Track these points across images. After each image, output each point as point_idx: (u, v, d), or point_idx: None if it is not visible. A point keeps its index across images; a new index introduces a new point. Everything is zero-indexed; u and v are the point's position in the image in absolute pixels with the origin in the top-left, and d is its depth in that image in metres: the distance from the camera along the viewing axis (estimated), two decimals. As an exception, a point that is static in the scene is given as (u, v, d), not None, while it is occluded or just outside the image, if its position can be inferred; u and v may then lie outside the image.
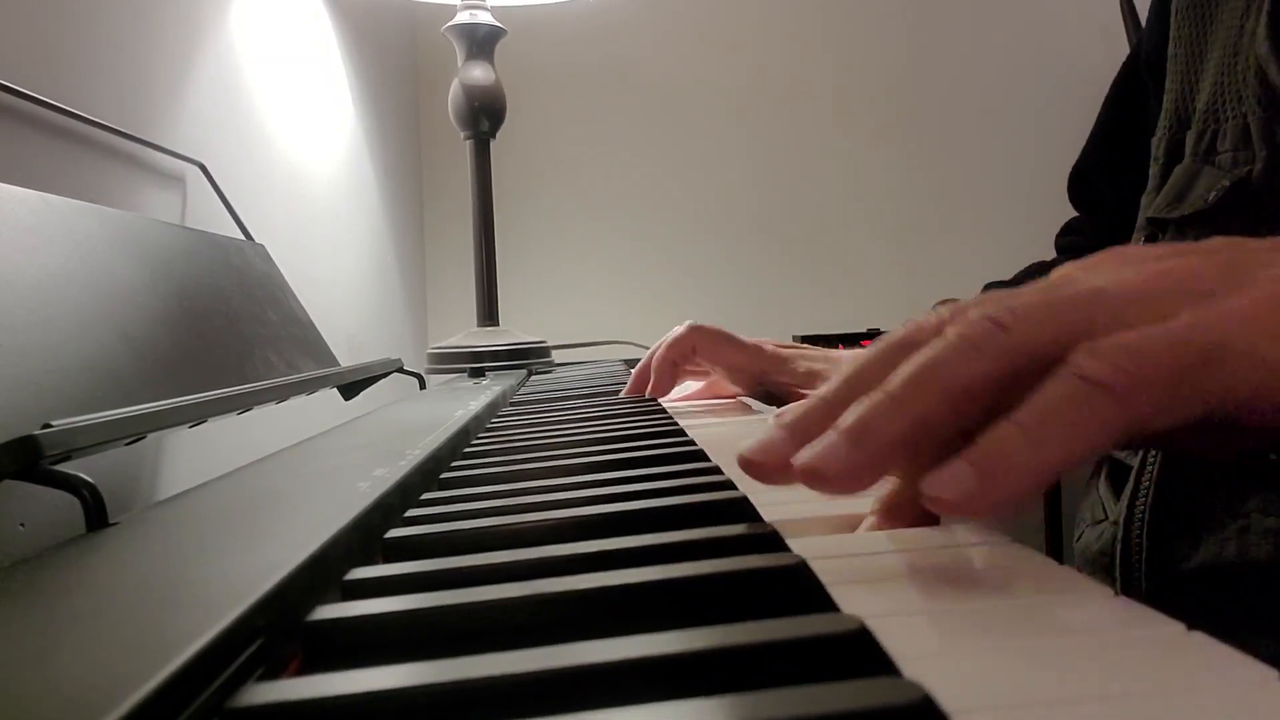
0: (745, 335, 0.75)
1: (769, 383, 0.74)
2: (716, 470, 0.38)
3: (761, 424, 0.63)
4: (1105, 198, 0.77)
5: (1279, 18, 0.52)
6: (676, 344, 0.72)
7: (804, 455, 0.27)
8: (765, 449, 0.29)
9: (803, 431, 0.28)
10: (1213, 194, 0.55)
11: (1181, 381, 0.25)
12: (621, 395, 0.75)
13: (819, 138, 1.74)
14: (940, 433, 0.26)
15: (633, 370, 0.78)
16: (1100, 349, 0.25)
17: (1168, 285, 0.27)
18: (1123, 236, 0.66)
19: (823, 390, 0.30)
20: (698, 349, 0.73)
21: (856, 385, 0.29)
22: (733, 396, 0.79)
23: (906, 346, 0.29)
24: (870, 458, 0.27)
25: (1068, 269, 0.31)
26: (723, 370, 0.75)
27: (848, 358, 0.69)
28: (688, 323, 0.74)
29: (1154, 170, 0.63)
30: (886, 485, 0.31)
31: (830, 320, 1.61)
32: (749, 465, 0.29)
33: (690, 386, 0.82)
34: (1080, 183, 0.81)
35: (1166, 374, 0.25)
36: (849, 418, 0.27)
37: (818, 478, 0.27)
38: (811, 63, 1.74)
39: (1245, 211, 0.53)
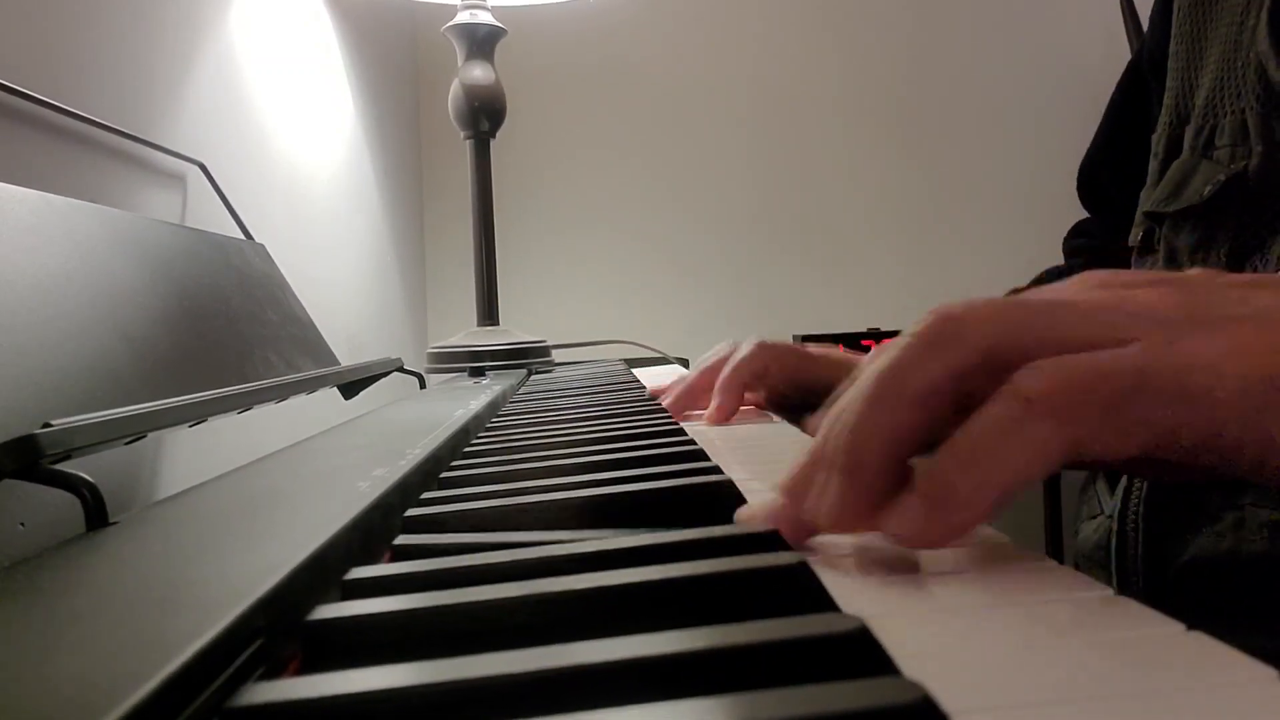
0: (750, 336, 0.67)
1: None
2: (717, 470, 0.38)
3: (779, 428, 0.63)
4: (1113, 195, 0.77)
5: (1278, 17, 0.53)
6: (743, 366, 0.63)
7: (807, 508, 0.27)
8: (771, 519, 0.28)
9: (795, 488, 0.28)
10: (1209, 188, 0.55)
11: (1117, 410, 0.25)
12: (667, 405, 0.66)
13: (819, 138, 1.74)
14: (922, 435, 0.26)
15: (639, 378, 0.70)
16: (1042, 366, 0.25)
17: (1131, 310, 0.27)
18: (1128, 237, 0.66)
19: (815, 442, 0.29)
20: (771, 370, 0.63)
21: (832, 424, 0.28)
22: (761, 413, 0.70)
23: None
24: (867, 488, 0.26)
25: (1044, 287, 0.31)
26: (798, 390, 0.65)
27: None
28: (753, 339, 0.64)
29: (1153, 166, 0.63)
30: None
31: (830, 320, 1.61)
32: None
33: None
34: (1088, 180, 0.81)
35: (1102, 400, 0.25)
36: (829, 451, 0.27)
37: (824, 529, 0.27)
38: (812, 63, 1.74)
39: (1241, 206, 0.54)
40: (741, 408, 0.69)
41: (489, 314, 1.23)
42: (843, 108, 1.74)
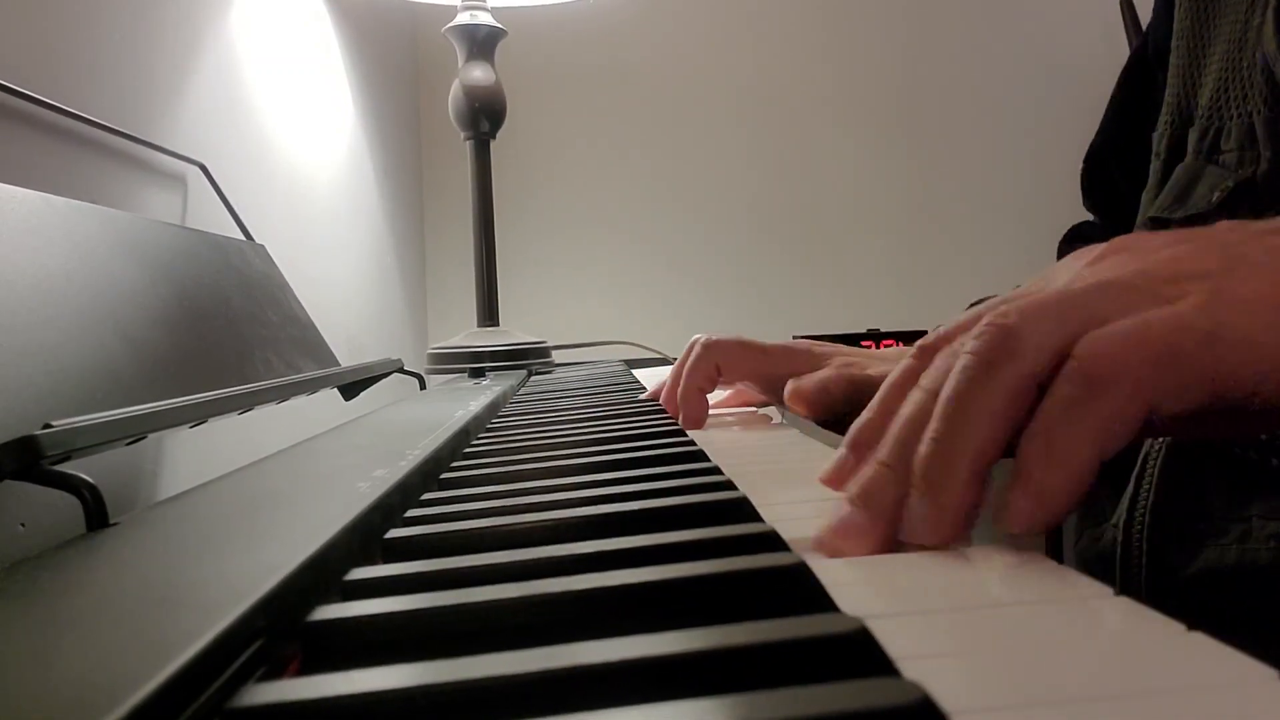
0: (750, 336, 0.67)
1: None
2: (717, 470, 0.38)
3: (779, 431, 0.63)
4: (1120, 187, 0.74)
5: None
6: (696, 369, 0.64)
7: (905, 528, 0.28)
8: (845, 531, 0.29)
9: (872, 500, 0.29)
10: (1216, 195, 0.54)
11: (1181, 365, 0.25)
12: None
13: (818, 138, 1.74)
14: (1004, 447, 0.27)
15: (639, 379, 0.72)
16: (1100, 336, 0.26)
17: (1171, 271, 0.28)
18: None
19: (880, 453, 0.30)
20: (722, 368, 0.65)
21: (906, 439, 0.29)
22: (763, 403, 0.72)
23: (932, 373, 0.30)
24: (953, 507, 0.27)
25: (1072, 262, 0.31)
26: (754, 384, 0.68)
27: (888, 356, 0.63)
28: (699, 340, 0.66)
29: (1155, 166, 0.62)
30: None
31: (830, 320, 1.61)
32: (837, 553, 0.28)
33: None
34: (1094, 173, 0.77)
35: (1159, 358, 0.25)
36: (917, 476, 0.28)
37: (923, 542, 0.28)
38: (810, 64, 1.74)
39: (1250, 213, 0.52)
40: (745, 405, 0.72)
41: (489, 315, 1.23)
42: (842, 108, 1.74)
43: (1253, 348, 0.26)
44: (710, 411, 0.67)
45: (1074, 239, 0.81)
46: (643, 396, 0.72)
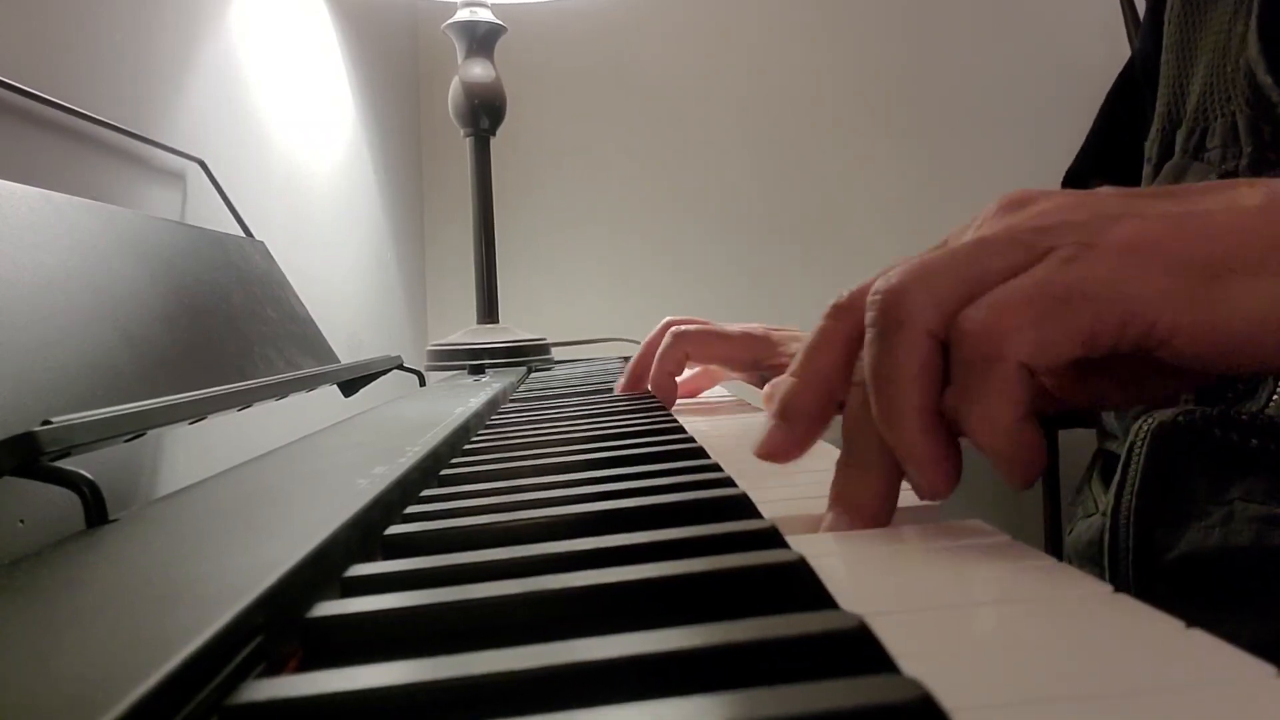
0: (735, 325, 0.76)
1: (765, 367, 0.75)
2: (716, 467, 0.38)
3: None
4: None
5: (1267, 21, 0.54)
6: (667, 356, 0.72)
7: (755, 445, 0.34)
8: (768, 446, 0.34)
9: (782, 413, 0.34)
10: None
11: (1045, 322, 0.28)
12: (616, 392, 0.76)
13: (819, 136, 1.74)
14: (939, 388, 0.30)
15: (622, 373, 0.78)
16: (971, 315, 0.28)
17: (1041, 225, 0.30)
18: None
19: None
20: (690, 354, 0.73)
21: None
22: (727, 379, 0.83)
23: (837, 311, 0.35)
24: (802, 433, 0.34)
25: (974, 218, 0.34)
26: (719, 364, 0.78)
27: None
28: (670, 330, 0.73)
29: (1146, 171, 0.65)
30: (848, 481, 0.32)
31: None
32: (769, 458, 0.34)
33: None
34: (1074, 186, 0.81)
35: (1030, 318, 0.28)
36: (776, 399, 0.34)
37: (768, 458, 0.34)
38: (811, 62, 1.74)
39: None
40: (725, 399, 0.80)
41: (489, 312, 1.23)
42: (844, 106, 1.74)
43: (1115, 299, 0.28)
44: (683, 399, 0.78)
45: None
46: (618, 384, 0.78)
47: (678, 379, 0.76)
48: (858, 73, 1.74)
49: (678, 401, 0.79)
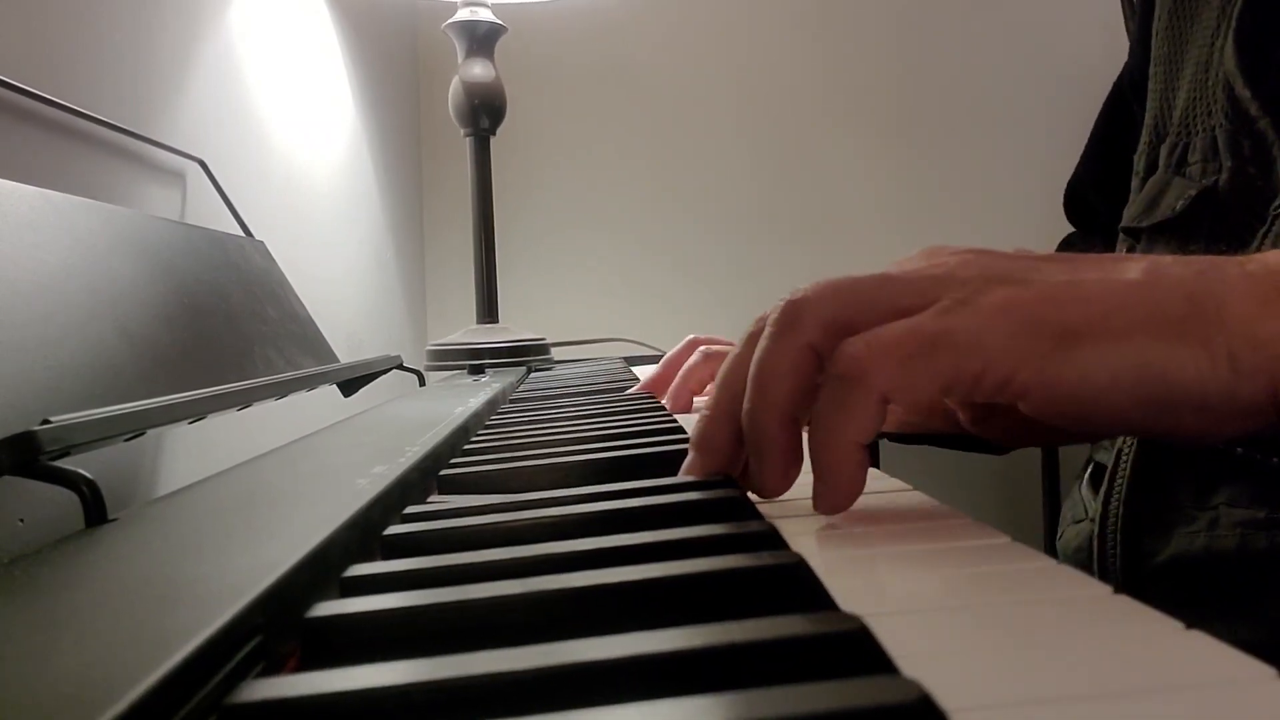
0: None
1: None
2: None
3: None
4: (1100, 213, 0.78)
5: (1244, 36, 0.54)
6: (691, 375, 0.70)
7: (748, 477, 0.35)
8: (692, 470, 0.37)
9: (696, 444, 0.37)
10: (1181, 203, 0.57)
11: (912, 363, 0.30)
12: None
13: (819, 136, 1.74)
14: (803, 397, 0.33)
15: (639, 376, 0.75)
16: (849, 344, 0.31)
17: (938, 275, 0.33)
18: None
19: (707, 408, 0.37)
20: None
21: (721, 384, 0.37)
22: None
23: (750, 339, 0.36)
24: (716, 455, 0.35)
25: (901, 261, 0.36)
26: None
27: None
28: (699, 349, 0.71)
29: (1135, 184, 0.65)
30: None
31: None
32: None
33: None
34: (1075, 198, 0.82)
35: (898, 357, 0.30)
36: (749, 431, 0.34)
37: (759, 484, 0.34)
38: (811, 61, 1.74)
39: (1212, 220, 0.55)
40: None
41: (488, 311, 1.23)
42: (843, 105, 1.74)
43: (974, 350, 0.30)
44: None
45: (1066, 247, 0.85)
46: (631, 391, 0.76)
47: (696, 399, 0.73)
48: (857, 71, 1.74)
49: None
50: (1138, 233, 0.62)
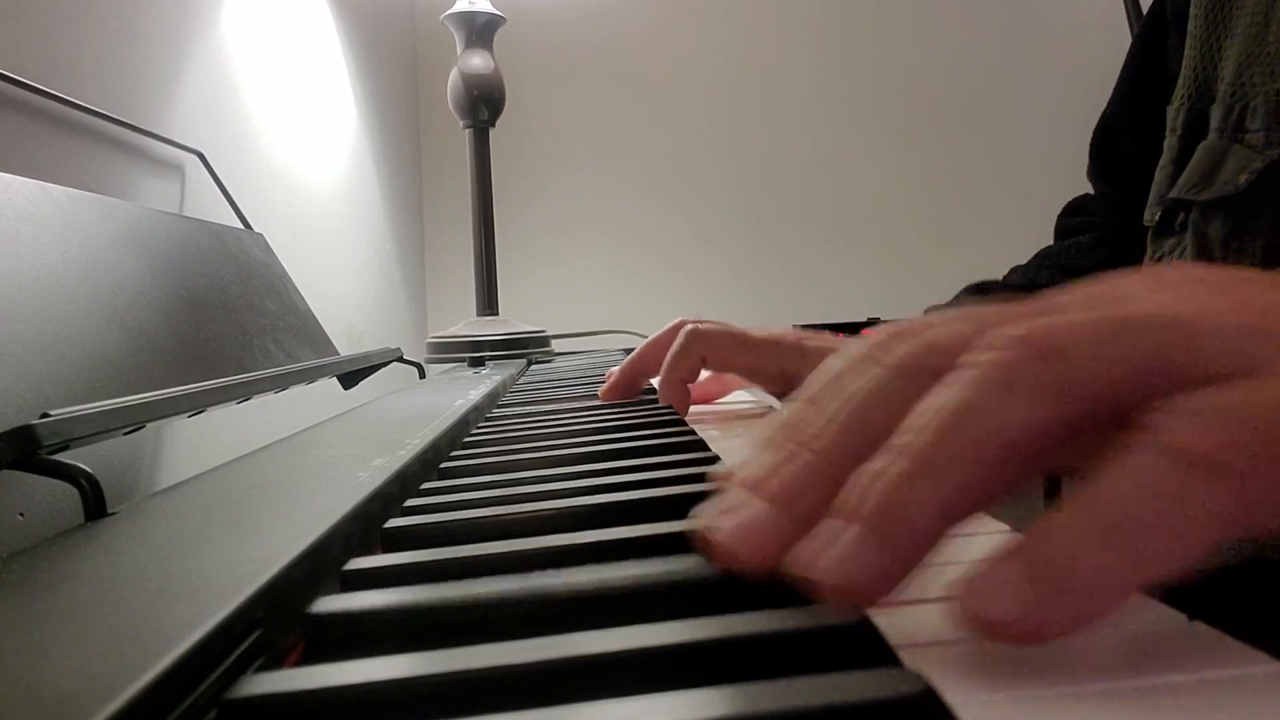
0: (751, 324, 0.62)
1: (795, 382, 0.56)
2: (717, 460, 0.38)
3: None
4: (1131, 160, 0.71)
5: None
6: (680, 361, 0.59)
7: (826, 566, 0.20)
8: (748, 532, 0.22)
9: (791, 501, 0.22)
10: (1244, 176, 0.51)
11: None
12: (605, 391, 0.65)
13: (818, 128, 1.74)
14: (988, 502, 0.21)
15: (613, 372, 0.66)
16: (1199, 411, 0.18)
17: (1254, 323, 0.20)
18: (1141, 214, 0.62)
19: (808, 430, 0.23)
20: (708, 360, 0.60)
21: (855, 426, 0.22)
22: (744, 386, 0.68)
23: (916, 373, 0.22)
24: (903, 561, 0.20)
25: (1112, 283, 0.23)
26: (741, 374, 0.62)
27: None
28: (685, 327, 0.60)
29: (1170, 142, 0.59)
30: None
31: (829, 309, 1.60)
32: (732, 559, 0.22)
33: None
34: (1106, 140, 0.73)
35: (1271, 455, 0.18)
36: (867, 498, 0.20)
37: (849, 596, 0.20)
38: (811, 53, 1.74)
39: (1279, 195, 0.50)
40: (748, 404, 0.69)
41: (488, 304, 1.23)
42: (841, 97, 1.73)
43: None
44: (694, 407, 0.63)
45: (1073, 212, 0.78)
46: (611, 371, 0.66)
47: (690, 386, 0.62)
48: (855, 63, 1.74)
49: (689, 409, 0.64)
50: (1189, 205, 0.55)
